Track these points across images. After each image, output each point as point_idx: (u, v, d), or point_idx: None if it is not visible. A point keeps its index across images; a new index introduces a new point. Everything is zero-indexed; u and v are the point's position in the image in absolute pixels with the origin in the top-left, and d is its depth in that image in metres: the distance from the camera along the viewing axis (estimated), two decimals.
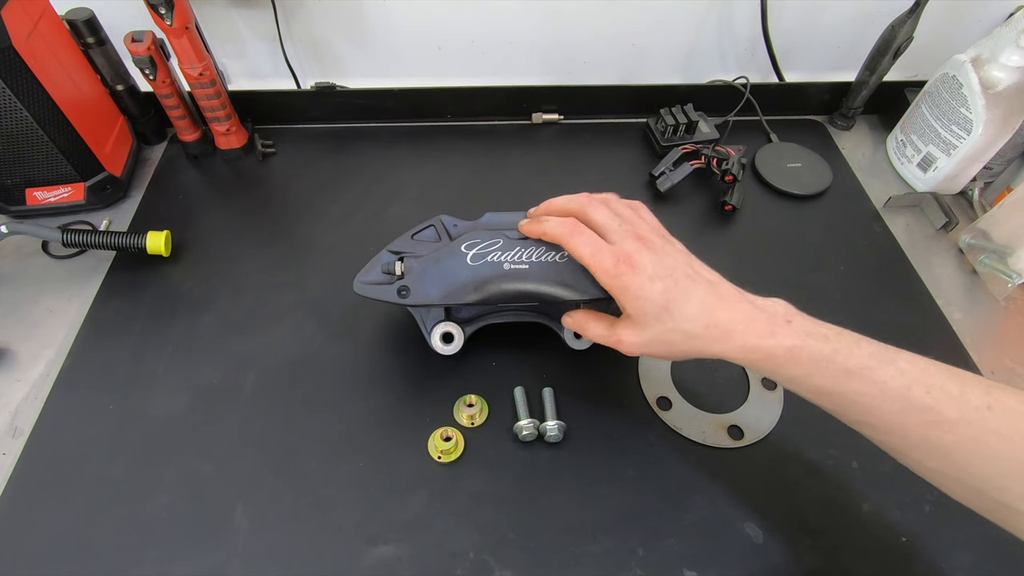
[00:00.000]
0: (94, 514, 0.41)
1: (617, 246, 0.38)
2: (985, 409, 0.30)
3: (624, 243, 0.38)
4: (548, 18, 0.67)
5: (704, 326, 0.36)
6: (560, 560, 0.40)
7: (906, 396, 0.32)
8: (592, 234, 0.39)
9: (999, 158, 0.61)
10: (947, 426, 0.31)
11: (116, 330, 0.50)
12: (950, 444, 0.31)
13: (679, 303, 0.36)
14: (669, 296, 0.36)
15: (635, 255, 0.37)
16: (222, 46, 0.68)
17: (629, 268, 0.37)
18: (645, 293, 0.36)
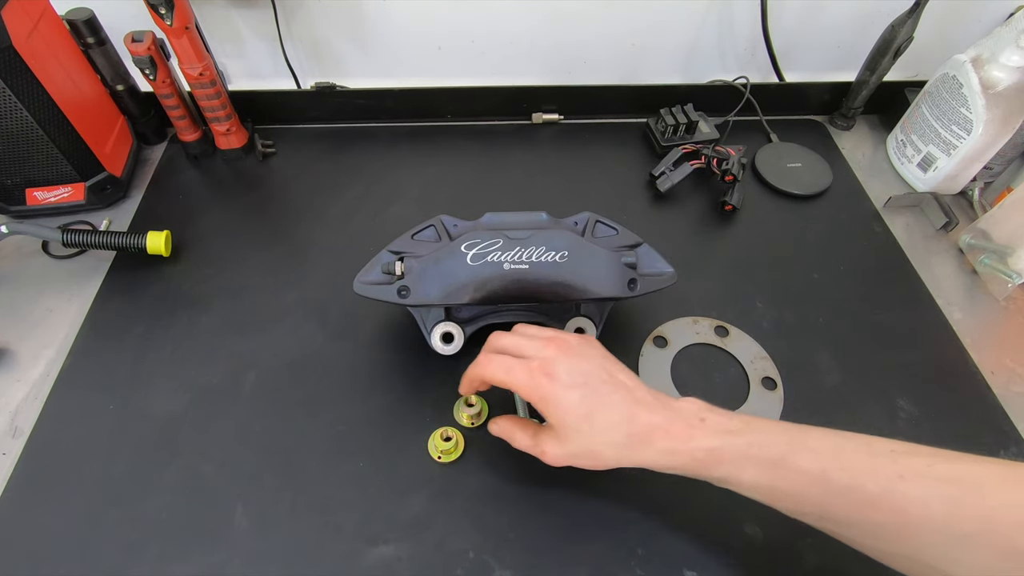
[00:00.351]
0: (94, 514, 0.41)
1: (530, 358, 0.38)
2: (897, 478, 0.30)
3: (538, 353, 0.38)
4: (548, 18, 0.67)
5: (626, 434, 0.35)
6: (560, 560, 0.40)
7: (825, 479, 0.31)
8: (503, 357, 0.39)
9: (999, 158, 0.61)
10: (871, 502, 0.30)
11: (116, 330, 0.50)
12: (879, 521, 0.30)
13: (599, 411, 0.36)
14: (587, 405, 0.36)
15: (549, 363, 0.37)
16: (222, 46, 0.68)
17: (544, 377, 0.36)
18: (563, 403, 0.36)
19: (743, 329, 0.52)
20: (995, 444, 0.46)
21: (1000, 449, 0.46)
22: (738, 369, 0.50)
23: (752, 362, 0.50)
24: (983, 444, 0.46)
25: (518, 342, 0.39)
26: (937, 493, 0.29)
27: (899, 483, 0.30)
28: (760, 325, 0.52)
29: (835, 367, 0.50)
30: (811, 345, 0.51)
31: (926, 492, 0.29)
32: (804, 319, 0.53)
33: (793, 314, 0.53)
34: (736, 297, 0.54)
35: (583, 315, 0.48)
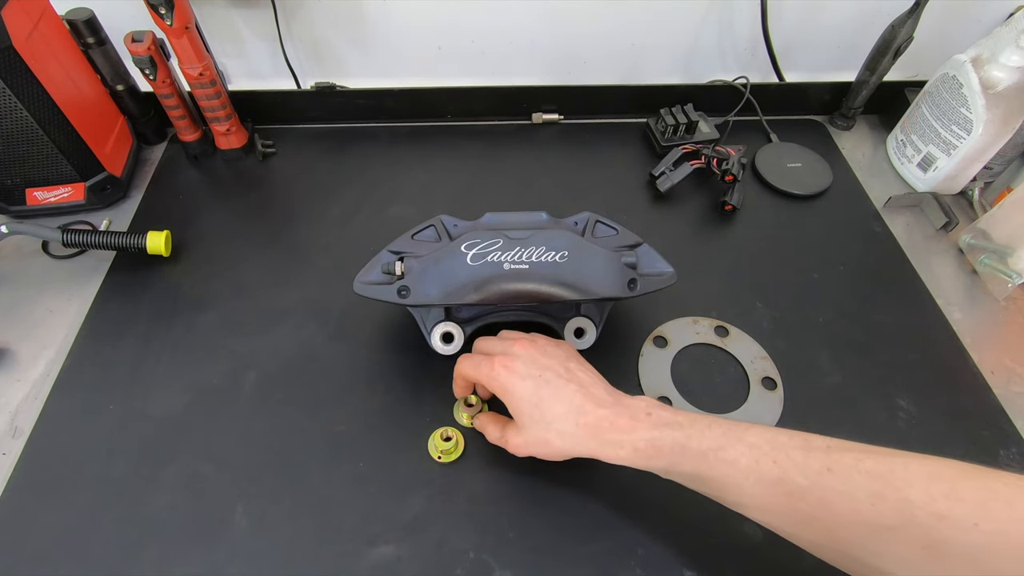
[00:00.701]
0: (94, 514, 0.41)
1: (496, 354, 0.41)
2: (826, 471, 0.31)
3: (505, 350, 0.41)
4: (548, 18, 0.67)
5: (575, 424, 0.37)
6: (560, 560, 0.40)
7: (756, 470, 0.32)
8: (476, 355, 0.42)
9: (999, 158, 0.61)
10: (799, 494, 0.31)
11: (116, 330, 0.50)
12: (807, 512, 0.31)
13: (549, 402, 0.38)
14: (540, 395, 0.38)
15: (510, 357, 0.40)
16: (222, 46, 0.68)
17: (504, 368, 0.39)
18: (518, 392, 0.38)
19: (743, 329, 0.52)
20: (995, 444, 0.46)
21: (1000, 449, 0.46)
22: (738, 369, 0.50)
23: (752, 362, 0.50)
24: (983, 444, 0.46)
25: (491, 343, 0.43)
26: (862, 486, 0.30)
27: (827, 476, 0.31)
28: (760, 325, 0.52)
29: (835, 367, 0.50)
30: (811, 345, 0.51)
31: (851, 485, 0.30)
32: (804, 319, 0.53)
33: (793, 314, 0.53)
34: (736, 297, 0.54)
35: (583, 315, 0.48)
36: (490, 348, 0.42)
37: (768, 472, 0.32)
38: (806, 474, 0.31)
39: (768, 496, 0.33)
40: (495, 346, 0.42)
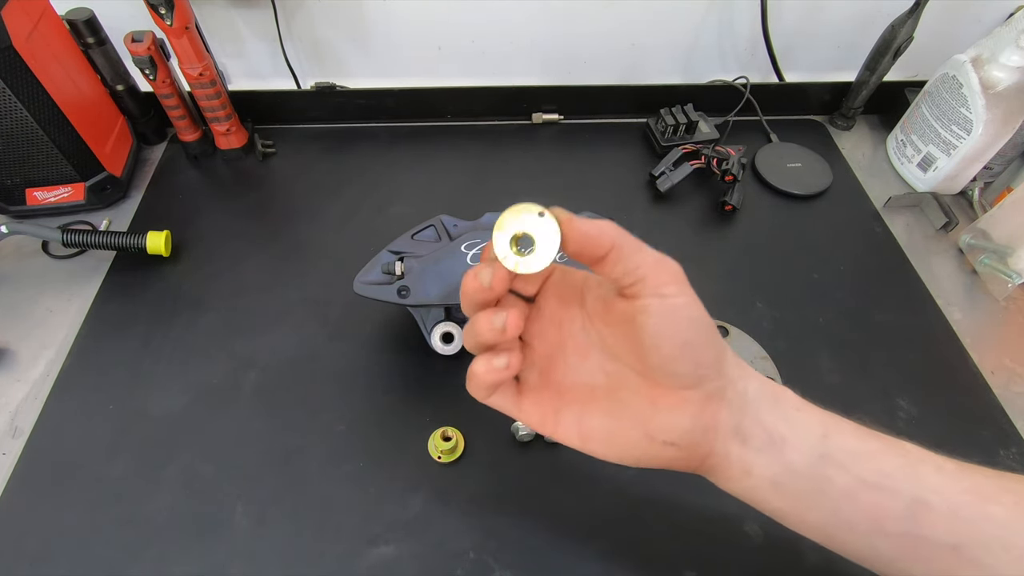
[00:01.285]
0: (94, 514, 0.41)
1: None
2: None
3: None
4: (548, 18, 0.67)
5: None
6: (560, 560, 0.40)
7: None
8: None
9: (999, 158, 0.61)
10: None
11: (116, 330, 0.50)
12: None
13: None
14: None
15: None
16: (222, 46, 0.68)
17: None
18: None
19: (743, 329, 0.52)
20: (995, 444, 0.46)
21: (1000, 449, 0.46)
22: None
23: (752, 362, 0.50)
24: (983, 444, 0.46)
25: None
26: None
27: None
28: (760, 325, 0.52)
29: (835, 367, 0.50)
30: (811, 345, 0.51)
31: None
32: (804, 319, 0.53)
33: (793, 314, 0.53)
34: (736, 297, 0.54)
35: None
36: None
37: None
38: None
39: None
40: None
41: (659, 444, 0.27)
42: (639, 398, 0.27)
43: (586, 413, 0.29)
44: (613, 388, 0.29)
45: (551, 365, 0.30)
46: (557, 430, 0.29)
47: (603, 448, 0.28)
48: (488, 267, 0.26)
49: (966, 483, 0.27)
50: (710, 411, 0.27)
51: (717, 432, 0.27)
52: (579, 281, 0.30)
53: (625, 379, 0.28)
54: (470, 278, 0.27)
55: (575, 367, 0.30)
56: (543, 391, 0.30)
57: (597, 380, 0.29)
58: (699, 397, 0.26)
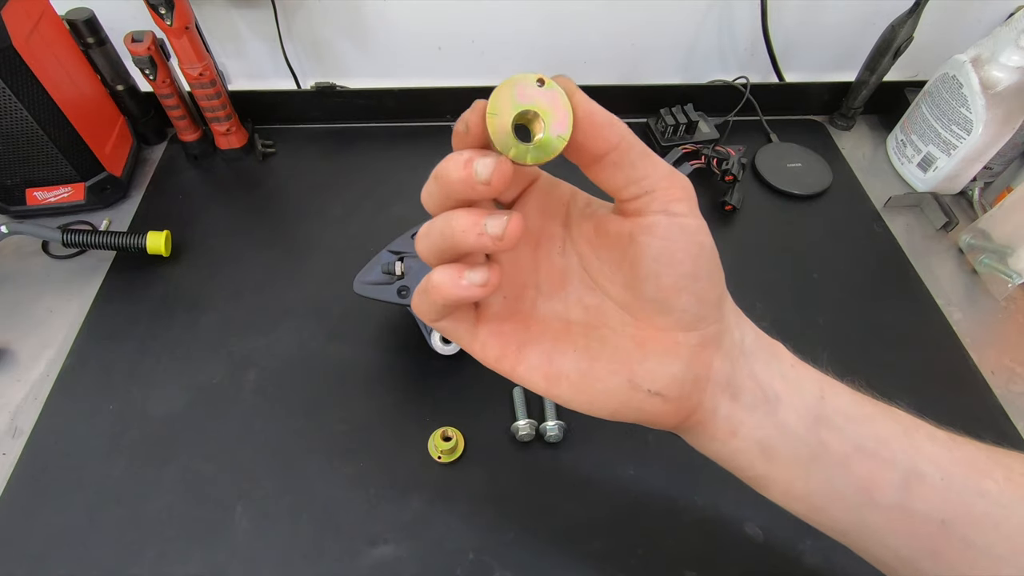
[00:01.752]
0: (94, 514, 0.41)
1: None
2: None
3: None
4: (548, 18, 0.67)
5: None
6: (560, 560, 0.40)
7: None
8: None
9: (999, 158, 0.61)
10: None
11: (116, 330, 0.50)
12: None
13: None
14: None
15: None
16: (222, 46, 0.68)
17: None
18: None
19: None
20: (995, 444, 0.46)
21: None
22: None
23: None
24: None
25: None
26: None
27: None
28: (760, 325, 0.52)
29: (835, 367, 0.50)
30: (811, 345, 0.51)
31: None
32: (804, 319, 0.53)
33: (793, 314, 0.53)
34: (736, 297, 0.54)
35: None
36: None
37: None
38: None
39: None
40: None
41: (643, 393, 0.23)
42: (623, 338, 0.23)
43: (557, 351, 0.24)
44: (592, 325, 0.24)
45: (520, 292, 0.25)
46: (517, 368, 0.24)
47: (573, 393, 0.24)
48: (487, 156, 0.20)
49: (958, 454, 0.25)
50: (704, 358, 0.23)
51: (708, 383, 0.23)
52: (566, 194, 0.26)
53: (608, 315, 0.24)
54: (457, 165, 0.20)
55: (548, 295, 0.25)
56: (506, 321, 0.25)
57: (573, 314, 0.25)
58: (694, 341, 0.23)
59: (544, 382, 0.24)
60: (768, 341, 0.26)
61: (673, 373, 0.23)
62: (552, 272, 0.25)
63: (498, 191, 0.20)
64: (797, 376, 0.26)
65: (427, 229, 0.22)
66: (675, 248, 0.22)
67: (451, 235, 0.21)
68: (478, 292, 0.21)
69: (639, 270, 0.22)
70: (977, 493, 0.24)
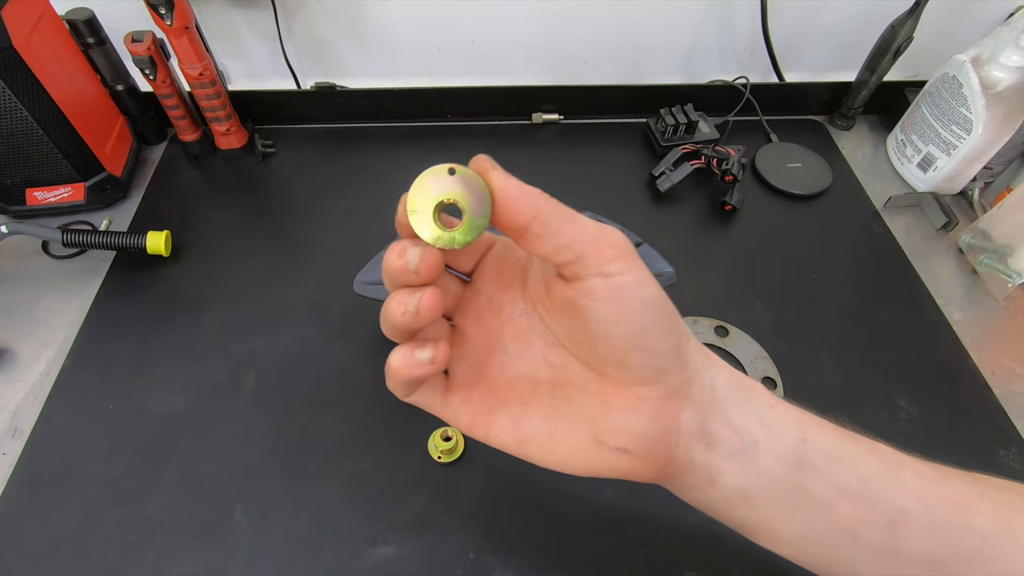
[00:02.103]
0: (94, 514, 0.41)
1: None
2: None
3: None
4: (548, 18, 0.67)
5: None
6: (560, 560, 0.40)
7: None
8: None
9: (999, 158, 0.61)
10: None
11: (116, 330, 0.50)
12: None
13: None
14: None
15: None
16: (222, 46, 0.68)
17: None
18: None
19: (743, 329, 0.52)
20: (995, 444, 0.46)
21: (1000, 449, 0.46)
22: (738, 369, 0.49)
23: (752, 362, 0.50)
24: (983, 444, 0.46)
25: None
26: None
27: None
28: (760, 325, 0.52)
29: (835, 367, 0.50)
30: (811, 345, 0.51)
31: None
32: (804, 319, 0.53)
33: (793, 314, 0.53)
34: (736, 297, 0.54)
35: None
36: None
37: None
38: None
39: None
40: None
41: (610, 451, 0.23)
42: (587, 396, 0.24)
43: (524, 414, 0.25)
44: (558, 383, 0.25)
45: (487, 357, 0.26)
46: (490, 433, 0.26)
47: (543, 454, 0.25)
48: (416, 245, 0.22)
49: (946, 490, 0.25)
50: (671, 410, 0.23)
51: (679, 435, 0.23)
52: (522, 257, 0.26)
53: (572, 373, 0.24)
54: (394, 255, 0.22)
55: (515, 358, 0.26)
56: (475, 387, 0.26)
57: (540, 373, 0.25)
58: (658, 394, 0.23)
59: (515, 445, 0.25)
60: (744, 381, 0.26)
61: (638, 429, 0.23)
62: (517, 333, 0.26)
63: (429, 278, 0.22)
64: (776, 418, 0.25)
65: (382, 311, 0.23)
66: (617, 309, 0.22)
67: (388, 313, 0.23)
68: (428, 369, 0.23)
69: (588, 333, 0.22)
70: (966, 530, 0.24)
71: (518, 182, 0.22)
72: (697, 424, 0.23)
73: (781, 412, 0.25)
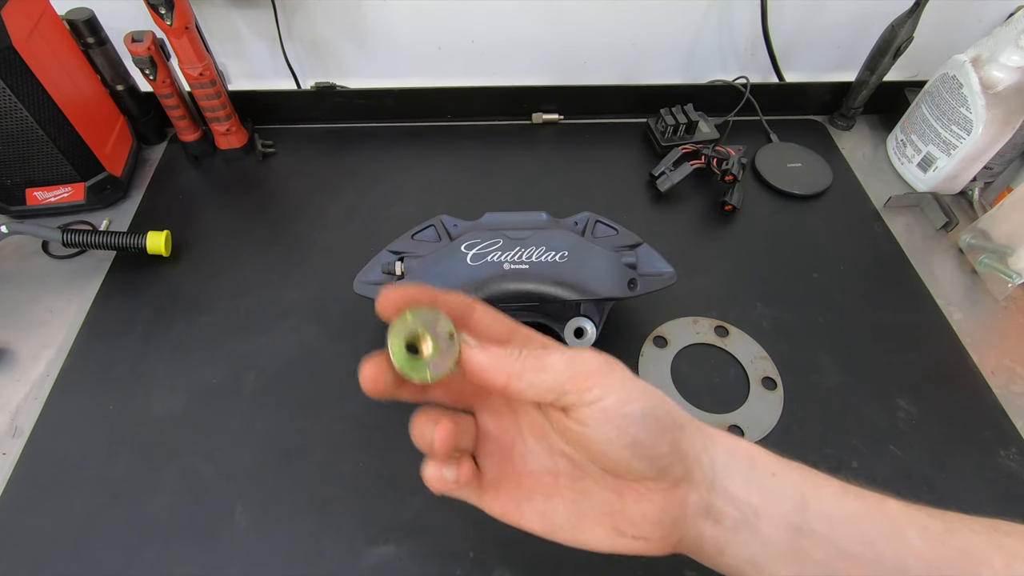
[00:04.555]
0: (94, 514, 0.41)
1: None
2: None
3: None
4: (548, 18, 0.67)
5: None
6: (560, 560, 0.40)
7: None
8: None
9: (999, 158, 0.61)
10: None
11: (116, 330, 0.50)
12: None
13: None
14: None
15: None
16: (222, 46, 0.68)
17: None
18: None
19: (743, 329, 0.52)
20: (995, 444, 0.46)
21: (1000, 449, 0.46)
22: (738, 369, 0.50)
23: (752, 362, 0.50)
24: (983, 444, 0.46)
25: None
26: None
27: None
28: (760, 325, 0.52)
29: (835, 367, 0.50)
30: (811, 345, 0.51)
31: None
32: (804, 319, 0.53)
33: (793, 314, 0.53)
34: (736, 297, 0.54)
35: (583, 315, 0.48)
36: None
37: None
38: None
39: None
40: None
41: (629, 539, 0.26)
42: (603, 489, 0.27)
43: (549, 506, 0.28)
44: (576, 476, 0.27)
45: (510, 451, 0.29)
46: (520, 522, 0.28)
47: (570, 541, 0.28)
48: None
49: (952, 544, 0.25)
50: (678, 498, 0.25)
51: (687, 517, 0.26)
52: None
53: (587, 467, 0.27)
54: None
55: (534, 451, 0.29)
56: (503, 483, 0.29)
57: (559, 466, 0.28)
58: (664, 487, 0.25)
59: (545, 533, 0.28)
60: (743, 450, 0.27)
61: (651, 519, 0.25)
62: (534, 430, 0.29)
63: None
64: (776, 486, 0.26)
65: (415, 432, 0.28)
66: (607, 430, 0.24)
67: (413, 436, 0.29)
68: (454, 486, 0.28)
69: (588, 451, 0.25)
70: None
71: (486, 353, 0.25)
72: (702, 504, 0.26)
73: (782, 478, 0.27)
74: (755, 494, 0.26)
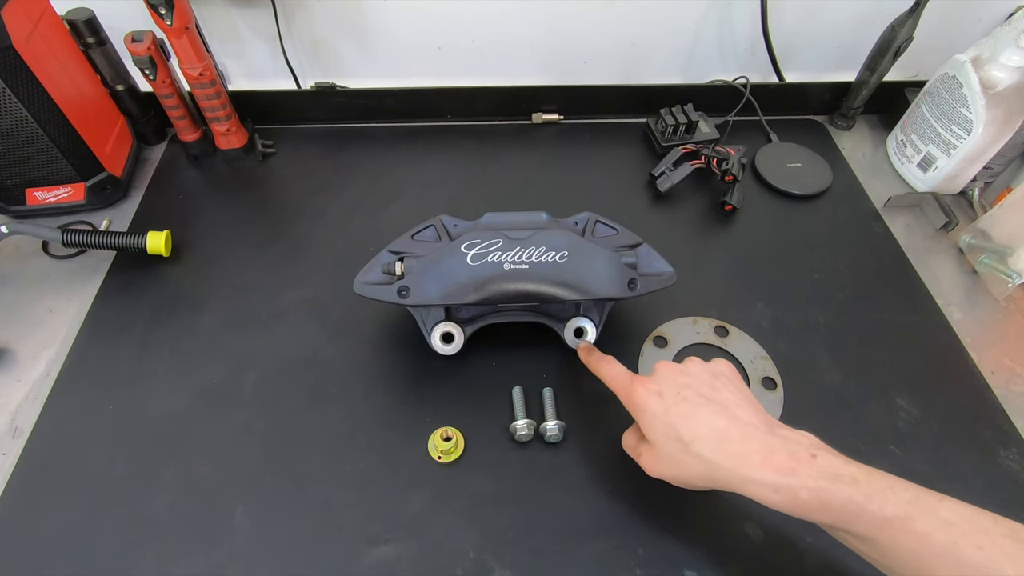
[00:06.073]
0: (94, 514, 0.41)
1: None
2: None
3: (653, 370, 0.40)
4: (548, 18, 0.67)
5: (714, 450, 0.33)
6: (560, 560, 0.40)
7: (954, 552, 0.28)
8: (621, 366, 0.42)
9: (999, 158, 0.61)
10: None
11: (116, 330, 0.50)
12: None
13: (685, 422, 0.35)
14: (674, 413, 0.35)
15: (652, 374, 0.39)
16: (222, 46, 0.68)
17: (640, 384, 0.38)
18: (650, 408, 0.36)
19: (743, 329, 0.52)
20: (995, 444, 0.46)
21: (1000, 449, 0.46)
22: (738, 369, 0.50)
23: (752, 362, 0.50)
24: (983, 444, 0.46)
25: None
26: None
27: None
28: (760, 325, 0.52)
29: (835, 367, 0.50)
30: (811, 345, 0.51)
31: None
32: (804, 319, 0.53)
33: (793, 314, 0.53)
34: (736, 297, 0.54)
35: (583, 315, 0.48)
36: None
37: (971, 558, 0.28)
38: (1017, 568, 0.27)
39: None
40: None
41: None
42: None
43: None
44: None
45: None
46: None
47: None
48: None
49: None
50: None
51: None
52: None
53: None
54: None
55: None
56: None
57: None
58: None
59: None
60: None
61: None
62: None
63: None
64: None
65: None
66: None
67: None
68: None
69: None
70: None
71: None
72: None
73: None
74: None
